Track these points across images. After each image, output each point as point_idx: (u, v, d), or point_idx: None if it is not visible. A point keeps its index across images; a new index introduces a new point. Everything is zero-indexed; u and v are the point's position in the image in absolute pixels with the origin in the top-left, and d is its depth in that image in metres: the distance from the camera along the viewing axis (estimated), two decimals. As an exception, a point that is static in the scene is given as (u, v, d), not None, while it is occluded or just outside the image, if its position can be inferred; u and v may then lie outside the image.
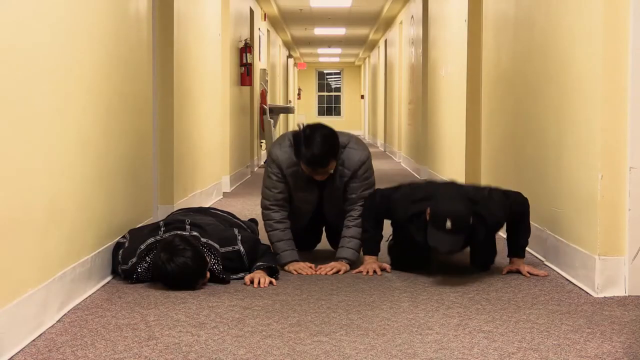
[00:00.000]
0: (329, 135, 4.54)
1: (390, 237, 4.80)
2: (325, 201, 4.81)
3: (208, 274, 4.18)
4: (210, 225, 4.42)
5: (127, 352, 3.09)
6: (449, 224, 4.17)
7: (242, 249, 4.37)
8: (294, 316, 3.63)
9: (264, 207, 4.78)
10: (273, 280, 4.29)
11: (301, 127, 4.62)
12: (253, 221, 5.53)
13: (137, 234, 4.42)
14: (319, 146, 4.48)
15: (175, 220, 4.41)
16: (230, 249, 4.34)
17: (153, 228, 4.39)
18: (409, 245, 4.55)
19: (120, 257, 4.33)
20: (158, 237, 4.28)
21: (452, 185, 4.67)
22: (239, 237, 4.40)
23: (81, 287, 3.93)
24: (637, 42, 3.96)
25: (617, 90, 4.00)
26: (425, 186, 4.63)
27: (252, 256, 4.41)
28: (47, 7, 3.49)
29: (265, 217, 4.78)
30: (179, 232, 4.27)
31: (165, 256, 4.05)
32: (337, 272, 4.60)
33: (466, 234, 4.26)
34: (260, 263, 4.37)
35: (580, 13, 4.34)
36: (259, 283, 4.22)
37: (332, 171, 4.61)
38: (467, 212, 4.25)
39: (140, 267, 4.24)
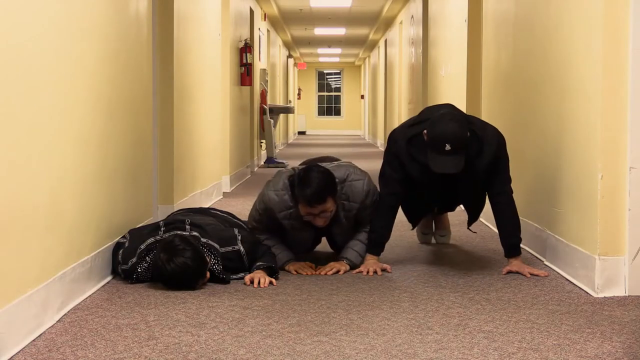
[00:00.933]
0: (324, 173, 4.45)
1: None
2: (336, 236, 4.79)
3: (208, 274, 4.18)
4: (210, 225, 4.42)
5: (127, 352, 3.09)
6: (447, 146, 4.24)
7: (242, 248, 4.37)
8: (294, 316, 3.63)
9: (250, 225, 4.74)
10: (273, 280, 4.29)
11: (296, 170, 4.55)
12: None
13: (137, 234, 4.42)
14: (315, 182, 4.38)
15: (175, 221, 4.41)
16: (230, 248, 4.34)
17: (153, 228, 4.39)
18: (415, 200, 4.77)
19: (120, 257, 4.33)
20: (158, 237, 4.28)
21: (447, 106, 4.66)
22: (239, 237, 4.40)
23: (81, 287, 3.93)
24: (637, 42, 3.96)
25: (617, 90, 4.00)
26: (421, 112, 4.73)
27: (252, 256, 4.41)
28: (46, 7, 3.49)
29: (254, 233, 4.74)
30: (178, 232, 4.27)
31: (165, 256, 4.05)
32: (337, 272, 4.59)
33: (465, 151, 4.34)
34: (260, 263, 4.37)
35: (580, 13, 4.34)
36: (259, 283, 4.21)
37: (331, 212, 4.49)
38: (464, 130, 4.33)
39: (140, 267, 4.24)
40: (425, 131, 4.41)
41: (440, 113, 4.45)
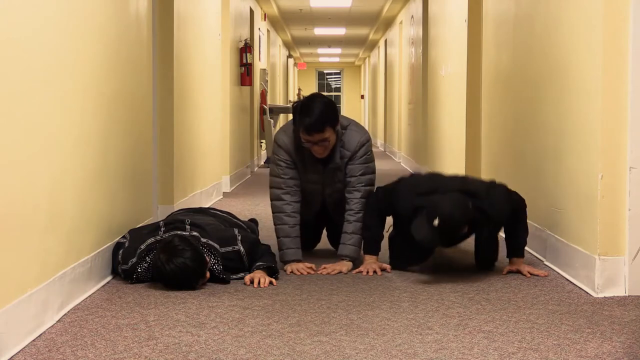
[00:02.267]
0: (326, 103, 4.62)
1: (391, 228, 4.79)
2: (326, 183, 4.79)
3: (208, 274, 4.18)
4: (210, 225, 4.42)
5: (127, 352, 3.09)
6: (437, 221, 4.19)
7: (241, 249, 4.37)
8: (294, 316, 3.63)
9: (274, 198, 4.73)
10: (273, 280, 4.29)
11: (302, 97, 4.70)
12: (253, 221, 5.53)
13: (137, 234, 4.42)
14: (315, 111, 4.54)
15: (175, 220, 4.41)
16: (230, 249, 4.34)
17: (153, 228, 4.39)
18: (411, 238, 4.54)
19: (120, 257, 4.33)
20: (158, 237, 4.28)
21: (456, 179, 4.65)
22: (239, 237, 4.39)
23: (81, 287, 3.93)
24: (637, 42, 3.96)
25: (617, 90, 4.00)
26: (429, 179, 4.65)
27: (252, 256, 4.40)
28: (46, 7, 3.49)
29: (275, 209, 4.73)
30: (178, 232, 4.27)
31: (165, 257, 4.05)
32: (340, 272, 4.60)
33: (450, 239, 4.32)
34: (260, 263, 4.37)
35: (580, 13, 4.34)
36: (259, 283, 4.21)
37: (330, 142, 4.62)
38: (461, 219, 4.26)
39: (140, 267, 4.24)
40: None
41: (448, 195, 4.36)
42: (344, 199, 4.79)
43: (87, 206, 4.07)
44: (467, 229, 4.37)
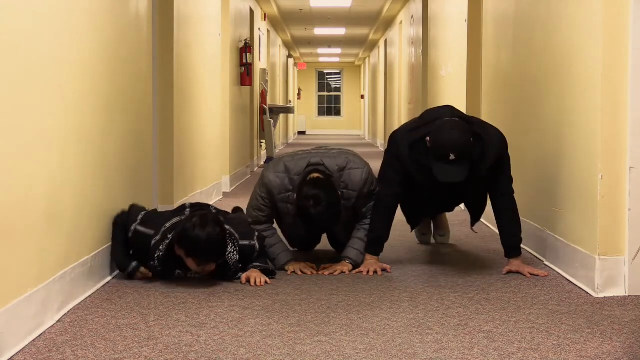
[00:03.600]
0: (332, 205, 4.35)
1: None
2: (336, 229, 4.80)
3: (220, 260, 4.17)
4: (234, 218, 4.52)
5: (127, 352, 3.09)
6: (452, 156, 4.24)
7: (257, 245, 4.41)
8: (294, 316, 3.63)
9: (254, 221, 4.71)
10: (267, 279, 4.30)
11: (307, 169, 4.51)
12: (238, 210, 5.60)
13: (161, 213, 4.47)
14: (323, 218, 4.33)
15: (200, 204, 4.49)
16: (247, 242, 4.38)
17: (178, 209, 4.45)
18: (415, 202, 4.72)
19: (139, 218, 4.35)
20: (183, 217, 4.30)
21: (447, 108, 4.64)
22: (256, 233, 4.45)
23: (81, 287, 3.93)
24: (637, 42, 3.96)
25: (617, 90, 4.00)
26: (421, 115, 4.71)
27: (260, 254, 4.47)
28: (46, 7, 3.49)
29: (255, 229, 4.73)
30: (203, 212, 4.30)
31: (198, 221, 4.08)
32: (340, 273, 4.60)
33: (470, 160, 4.33)
34: (257, 264, 4.39)
35: (580, 13, 4.34)
36: (255, 282, 4.23)
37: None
38: (467, 138, 4.32)
39: (162, 245, 4.21)
40: (427, 138, 4.40)
41: (442, 121, 4.42)
42: (349, 225, 4.78)
43: (87, 206, 4.07)
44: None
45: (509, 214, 4.60)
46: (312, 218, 4.31)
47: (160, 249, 4.22)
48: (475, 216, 4.98)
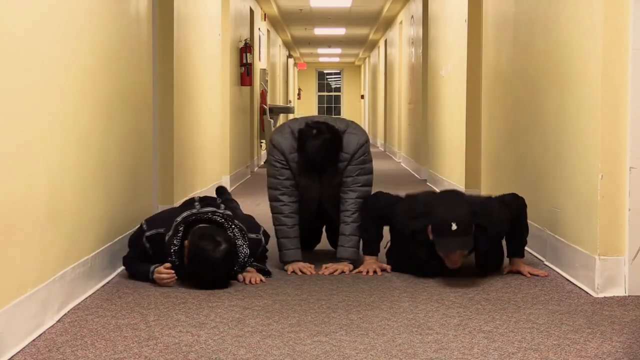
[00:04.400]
0: (330, 141, 4.58)
1: (388, 243, 4.78)
2: (324, 186, 4.78)
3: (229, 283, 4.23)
4: (241, 214, 4.56)
5: (127, 352, 3.09)
6: (454, 226, 4.16)
7: (263, 239, 4.47)
8: (294, 316, 3.63)
9: (272, 199, 4.74)
10: (262, 277, 4.34)
11: (308, 122, 4.67)
12: (222, 189, 5.68)
13: (170, 209, 4.51)
14: (320, 152, 4.55)
15: (208, 197, 4.50)
16: (254, 236, 4.42)
17: (188, 202, 4.47)
18: (409, 257, 4.52)
19: (144, 225, 4.35)
20: (194, 211, 4.33)
21: (450, 193, 4.67)
22: (262, 228, 4.50)
23: (81, 287, 3.93)
24: (637, 42, 3.96)
25: (617, 90, 4.00)
26: (424, 201, 4.55)
27: (263, 251, 4.51)
28: (46, 7, 3.49)
29: (274, 210, 4.74)
30: (214, 211, 4.31)
31: (209, 245, 4.07)
32: (342, 272, 4.60)
33: (472, 233, 4.25)
34: (255, 263, 4.42)
35: (580, 13, 4.34)
36: (250, 281, 4.28)
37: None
38: (469, 213, 4.24)
39: (176, 239, 4.21)
40: (429, 228, 4.31)
41: (443, 199, 4.43)
42: (337, 194, 4.80)
43: (87, 206, 4.07)
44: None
45: (520, 218, 4.58)
46: (314, 146, 4.53)
47: (174, 243, 4.22)
48: (486, 269, 4.62)
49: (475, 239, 4.31)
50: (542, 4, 5.07)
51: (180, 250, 4.21)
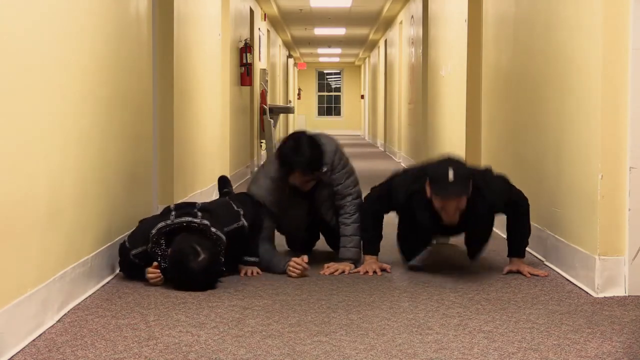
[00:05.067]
0: (313, 139, 4.63)
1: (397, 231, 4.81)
2: (319, 205, 4.80)
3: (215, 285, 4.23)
4: (219, 206, 4.53)
5: (127, 352, 3.09)
6: (451, 175, 4.21)
7: (245, 223, 4.47)
8: (294, 316, 3.63)
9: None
10: (259, 270, 4.48)
11: (282, 139, 4.71)
12: (224, 178, 5.77)
13: (146, 222, 4.46)
14: (309, 151, 4.56)
15: (186, 205, 4.46)
16: (234, 226, 4.43)
17: (164, 212, 4.42)
18: (414, 228, 4.58)
19: (127, 243, 4.33)
20: (169, 222, 4.27)
21: (447, 157, 4.66)
22: (242, 213, 4.51)
23: (81, 287, 3.93)
24: (637, 42, 3.96)
25: (617, 90, 4.00)
26: (420, 166, 4.69)
27: (255, 228, 4.55)
28: (46, 7, 3.49)
29: None
30: (189, 219, 4.28)
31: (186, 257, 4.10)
32: (343, 272, 4.60)
33: (469, 182, 4.27)
34: (247, 258, 4.53)
35: (580, 13, 4.34)
36: (249, 274, 4.42)
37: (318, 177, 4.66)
38: (466, 170, 4.30)
39: (159, 249, 4.22)
40: (427, 183, 4.35)
41: (438, 160, 4.47)
42: (334, 205, 4.81)
43: (87, 206, 4.07)
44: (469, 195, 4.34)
45: (522, 219, 4.58)
46: (296, 142, 4.57)
47: (158, 253, 4.22)
48: (473, 253, 4.71)
49: (471, 202, 4.32)
50: (542, 3, 5.07)
51: (166, 255, 4.24)
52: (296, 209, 4.82)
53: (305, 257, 4.49)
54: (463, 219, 4.37)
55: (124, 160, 4.78)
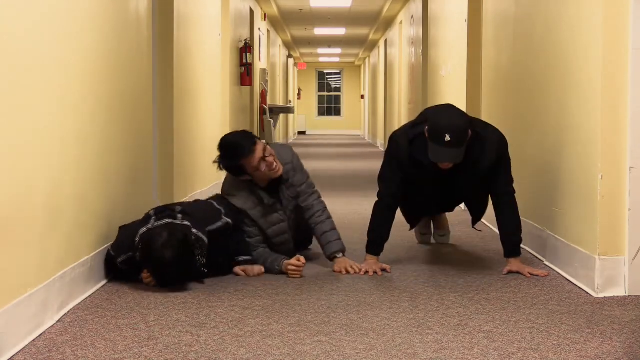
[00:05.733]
0: (232, 134, 4.74)
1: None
2: (286, 205, 4.76)
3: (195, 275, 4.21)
4: (199, 207, 4.50)
5: (127, 352, 3.09)
6: (447, 137, 4.24)
7: (229, 221, 4.47)
8: (294, 316, 3.63)
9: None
10: (260, 268, 4.46)
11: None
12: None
13: (128, 228, 4.39)
14: (238, 137, 4.63)
15: (166, 209, 4.38)
16: (220, 224, 4.43)
17: (145, 218, 4.33)
18: (418, 190, 4.68)
19: (112, 251, 4.30)
20: (149, 226, 4.21)
21: (448, 105, 4.69)
22: (223, 211, 4.50)
23: (81, 287, 3.93)
24: (637, 42, 3.96)
25: (617, 90, 4.00)
26: (421, 113, 4.72)
27: (237, 223, 4.52)
28: (46, 7, 3.49)
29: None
30: (169, 220, 4.24)
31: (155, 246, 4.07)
32: (348, 272, 4.59)
33: (465, 143, 4.32)
34: (241, 258, 4.51)
35: (580, 12, 4.34)
36: (249, 273, 4.39)
37: (271, 156, 4.62)
38: (464, 122, 4.34)
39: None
40: (426, 128, 4.42)
41: (441, 105, 4.55)
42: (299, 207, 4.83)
43: (87, 206, 4.07)
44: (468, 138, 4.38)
45: (509, 214, 4.59)
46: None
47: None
48: (476, 216, 4.98)
49: (469, 147, 4.38)
50: (542, 3, 5.07)
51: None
52: (274, 217, 4.71)
53: (302, 258, 4.49)
54: (462, 164, 4.45)
55: (123, 160, 4.78)
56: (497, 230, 4.77)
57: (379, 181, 4.73)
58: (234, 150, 4.56)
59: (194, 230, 4.23)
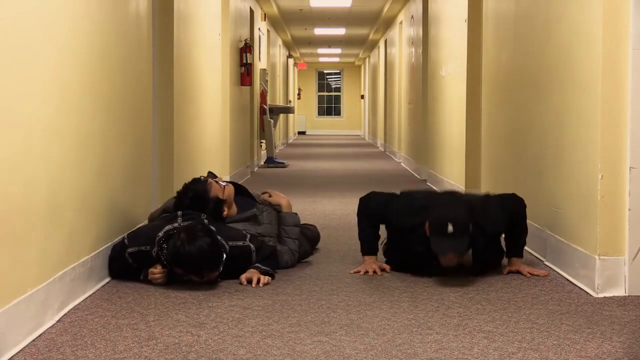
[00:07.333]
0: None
1: (385, 241, 4.77)
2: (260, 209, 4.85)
3: (221, 268, 4.16)
4: (225, 224, 4.51)
5: (127, 352, 3.09)
6: (450, 227, 4.16)
7: (251, 245, 4.39)
8: (294, 316, 3.63)
9: None
10: (268, 279, 4.29)
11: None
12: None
13: (151, 225, 4.43)
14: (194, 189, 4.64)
15: (192, 213, 4.44)
16: (240, 243, 4.36)
17: (171, 217, 4.39)
18: (407, 252, 4.53)
19: (126, 239, 4.31)
20: (176, 224, 4.27)
21: (450, 194, 4.68)
22: (248, 236, 4.43)
23: (81, 287, 3.93)
24: (637, 42, 3.96)
25: (617, 90, 4.00)
26: (424, 197, 4.60)
27: (260, 254, 4.42)
28: (47, 8, 3.49)
29: None
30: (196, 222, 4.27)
31: (185, 237, 4.07)
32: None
33: (468, 236, 4.25)
34: (258, 265, 4.38)
35: (580, 12, 4.34)
36: (257, 282, 4.22)
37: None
38: (467, 215, 4.25)
39: (162, 254, 4.19)
40: (427, 224, 4.31)
41: (442, 198, 4.45)
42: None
43: (87, 206, 4.07)
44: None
45: (520, 220, 4.58)
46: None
47: (162, 257, 4.21)
48: (482, 266, 4.63)
49: (472, 237, 4.30)
50: (542, 3, 5.07)
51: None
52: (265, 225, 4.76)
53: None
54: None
55: (123, 160, 4.78)
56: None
57: (373, 195, 4.67)
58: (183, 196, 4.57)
59: (218, 237, 4.23)
